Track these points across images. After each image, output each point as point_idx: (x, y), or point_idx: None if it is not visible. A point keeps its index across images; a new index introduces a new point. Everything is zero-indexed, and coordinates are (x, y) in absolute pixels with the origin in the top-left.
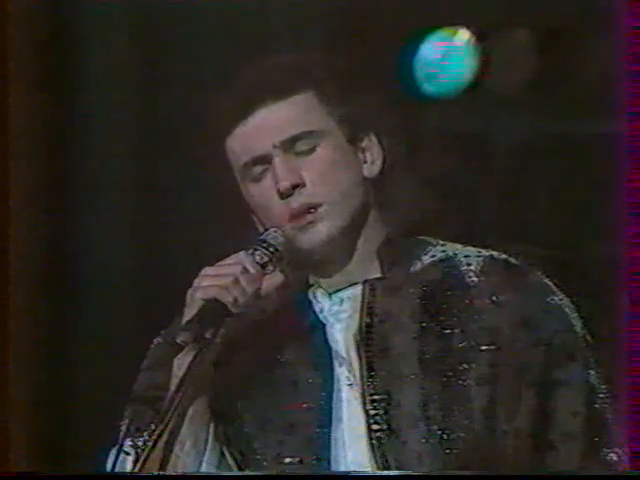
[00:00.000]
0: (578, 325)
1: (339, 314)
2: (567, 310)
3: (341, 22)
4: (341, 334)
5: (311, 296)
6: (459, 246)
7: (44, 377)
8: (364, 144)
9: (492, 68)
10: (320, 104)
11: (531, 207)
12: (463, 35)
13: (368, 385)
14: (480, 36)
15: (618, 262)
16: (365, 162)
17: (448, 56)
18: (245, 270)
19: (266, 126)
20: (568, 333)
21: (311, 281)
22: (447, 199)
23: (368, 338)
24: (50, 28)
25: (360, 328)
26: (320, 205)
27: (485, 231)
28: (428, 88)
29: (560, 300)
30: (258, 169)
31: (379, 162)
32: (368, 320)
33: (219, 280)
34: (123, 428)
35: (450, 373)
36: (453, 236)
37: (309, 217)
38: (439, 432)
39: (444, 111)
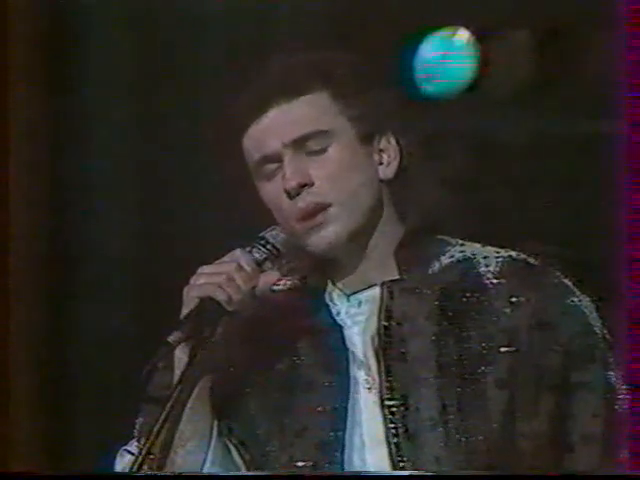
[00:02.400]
0: (598, 326)
1: (357, 316)
2: (586, 311)
3: (341, 22)
4: (359, 337)
5: (327, 299)
6: (478, 246)
7: (44, 377)
8: (381, 145)
9: (492, 68)
10: (334, 103)
11: (531, 207)
12: (463, 35)
13: (386, 388)
14: (480, 36)
15: (623, 261)
16: (381, 164)
17: (448, 56)
18: (240, 267)
19: (278, 125)
20: (587, 334)
21: (328, 284)
22: (454, 198)
23: (386, 341)
24: (50, 27)
25: (378, 331)
26: (329, 205)
27: (486, 230)
28: (428, 88)
29: (579, 301)
30: (270, 167)
31: (395, 164)
32: (386, 323)
33: (214, 278)
34: (136, 427)
35: (469, 376)
36: (464, 235)
37: (318, 218)
38: (458, 436)
39: (444, 111)
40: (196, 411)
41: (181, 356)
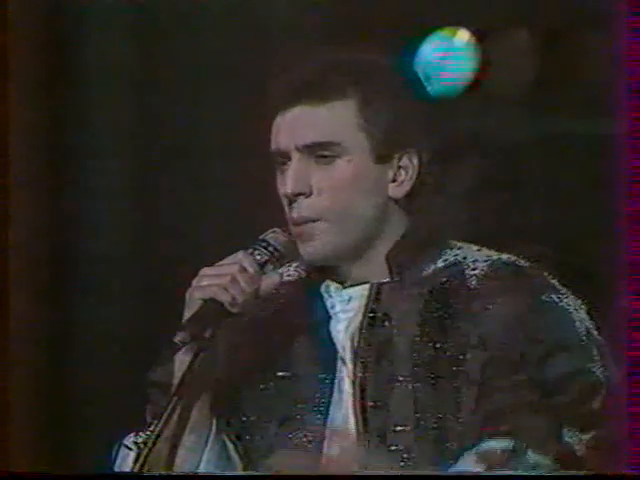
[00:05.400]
0: (582, 329)
1: (345, 313)
2: (573, 315)
3: (340, 22)
4: (342, 334)
5: (324, 290)
6: (474, 249)
7: (44, 377)
8: (402, 162)
9: (492, 68)
10: (358, 113)
11: (530, 207)
12: (463, 35)
13: (360, 388)
14: (480, 36)
15: (621, 262)
16: (394, 181)
17: (448, 56)
18: (243, 269)
19: (296, 125)
20: (568, 340)
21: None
22: (456, 202)
23: (366, 342)
24: (50, 28)
25: (360, 330)
26: (318, 220)
27: (486, 233)
28: (428, 89)
29: (565, 305)
30: (281, 160)
31: (409, 183)
32: (369, 322)
33: (217, 280)
34: (147, 412)
35: (446, 380)
36: (464, 238)
37: (306, 230)
38: (431, 437)
39: (445, 113)
40: (196, 411)
41: (183, 358)
